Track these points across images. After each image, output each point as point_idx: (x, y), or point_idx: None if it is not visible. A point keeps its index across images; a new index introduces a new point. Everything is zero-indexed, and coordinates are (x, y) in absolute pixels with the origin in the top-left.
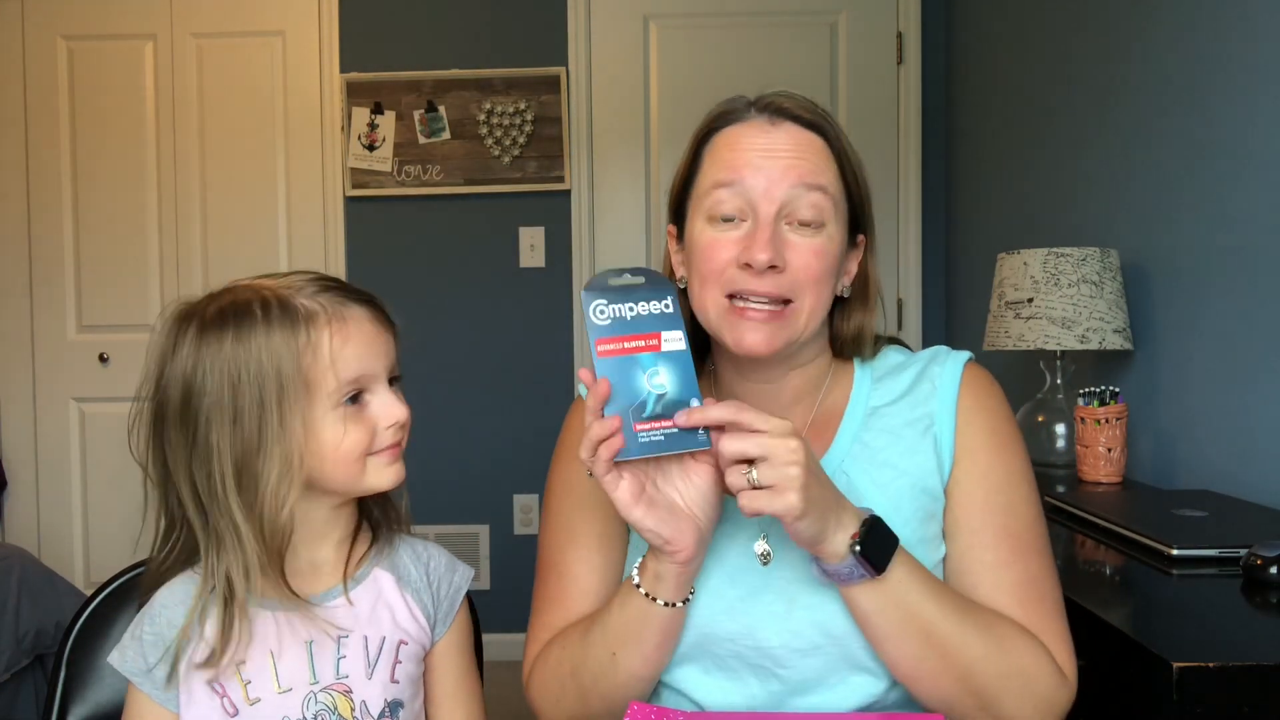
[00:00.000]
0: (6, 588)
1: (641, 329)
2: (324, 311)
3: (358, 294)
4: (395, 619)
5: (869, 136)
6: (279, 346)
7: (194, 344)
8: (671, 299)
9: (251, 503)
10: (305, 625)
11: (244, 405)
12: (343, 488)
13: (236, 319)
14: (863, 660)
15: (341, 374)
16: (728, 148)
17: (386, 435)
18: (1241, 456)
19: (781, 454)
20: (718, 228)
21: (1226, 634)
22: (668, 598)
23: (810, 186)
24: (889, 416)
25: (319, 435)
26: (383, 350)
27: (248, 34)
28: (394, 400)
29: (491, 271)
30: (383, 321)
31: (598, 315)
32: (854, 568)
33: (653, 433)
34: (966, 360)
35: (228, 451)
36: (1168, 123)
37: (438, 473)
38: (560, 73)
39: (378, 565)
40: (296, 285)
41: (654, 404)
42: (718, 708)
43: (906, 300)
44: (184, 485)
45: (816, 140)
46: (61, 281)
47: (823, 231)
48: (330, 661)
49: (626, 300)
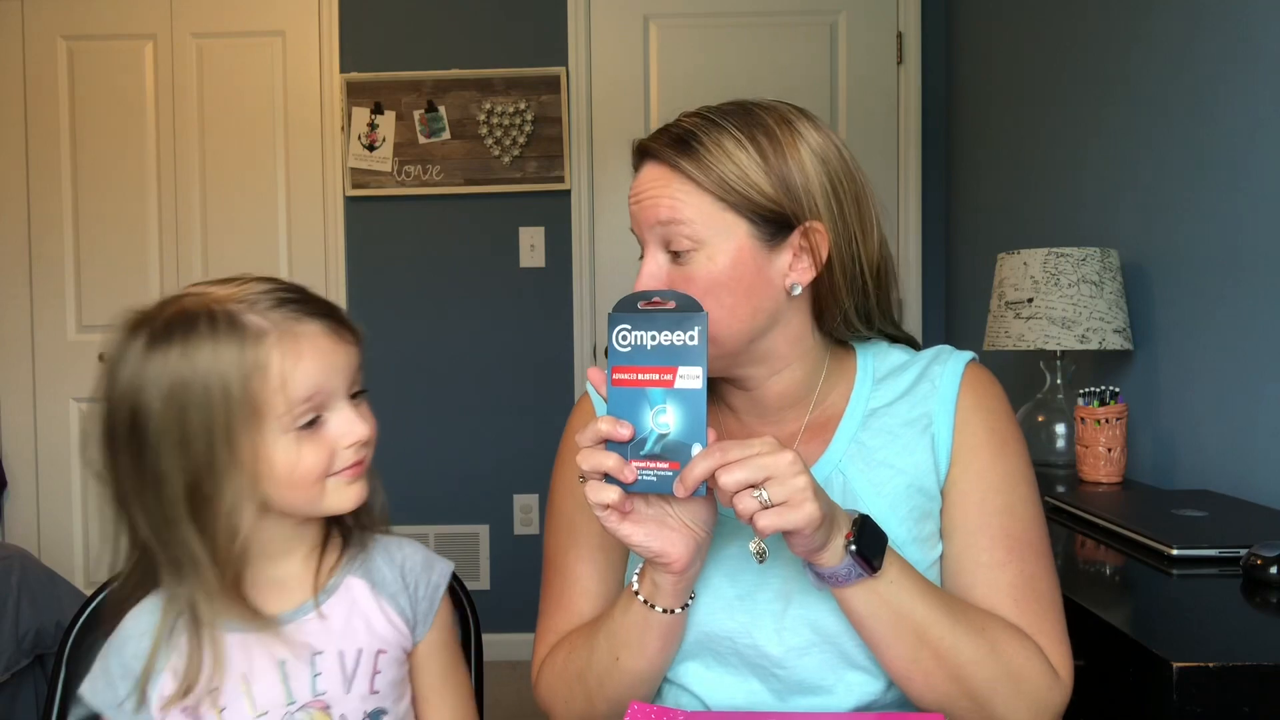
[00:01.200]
0: (6, 588)
1: (659, 361)
2: (274, 330)
3: (315, 306)
4: (372, 628)
5: (869, 136)
6: (226, 367)
7: (140, 358)
8: (699, 330)
9: (205, 528)
10: (276, 645)
11: (192, 429)
12: (301, 511)
13: (184, 333)
14: (859, 660)
15: (293, 396)
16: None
17: (346, 455)
18: (1241, 456)
19: (784, 468)
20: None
21: (1226, 634)
22: (666, 604)
23: (663, 222)
24: (887, 416)
25: (271, 460)
26: (341, 366)
27: (248, 34)
28: (354, 418)
29: (491, 271)
30: (342, 334)
31: (620, 341)
32: (851, 567)
33: (646, 472)
34: (968, 360)
35: (178, 477)
36: (1168, 123)
37: (438, 473)
38: (560, 73)
39: (350, 573)
40: (250, 298)
41: (653, 443)
42: (721, 703)
43: (906, 300)
44: (138, 511)
45: (665, 171)
46: (61, 281)
47: (696, 255)
48: (305, 679)
49: (651, 327)
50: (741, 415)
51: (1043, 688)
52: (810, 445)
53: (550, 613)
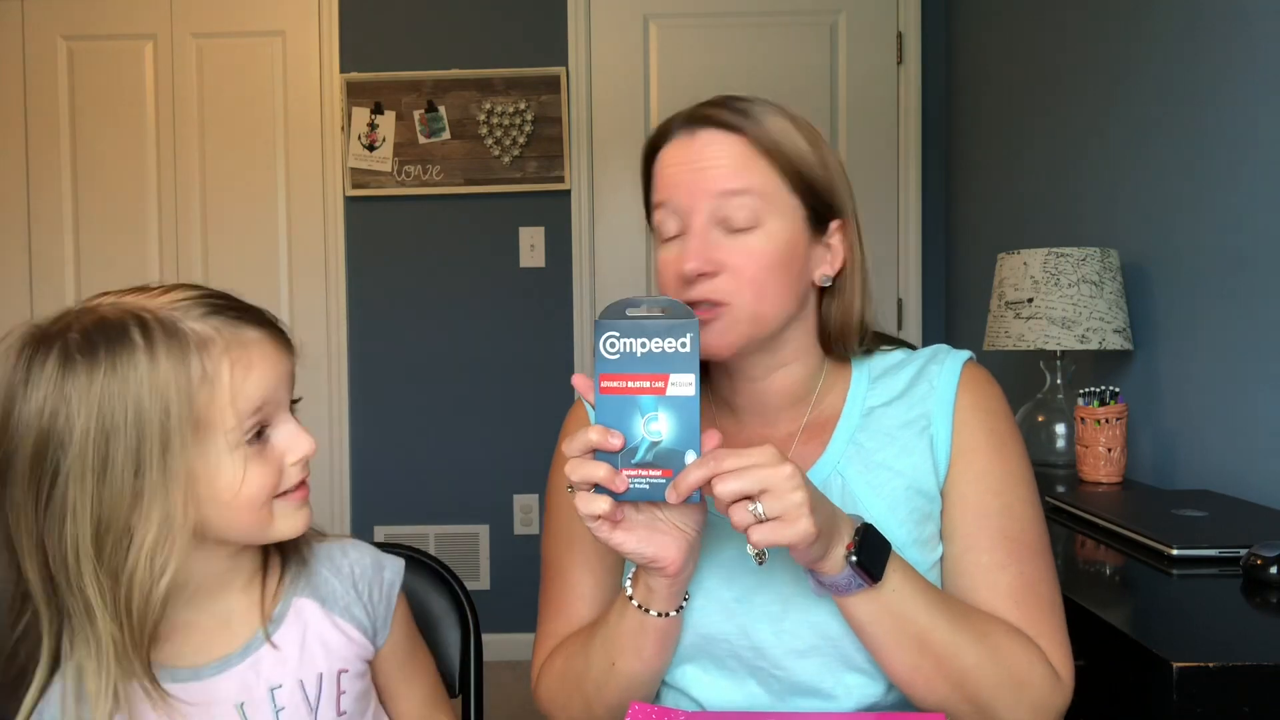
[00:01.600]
0: None
1: (650, 368)
2: (219, 337)
3: (252, 313)
4: (329, 648)
5: (869, 136)
6: (166, 380)
7: (54, 379)
8: (691, 336)
9: (116, 573)
10: (229, 688)
11: (115, 454)
12: (246, 537)
13: (110, 348)
14: (859, 662)
15: (244, 408)
16: (659, 168)
17: (294, 473)
18: (1241, 456)
19: (781, 482)
20: (666, 247)
21: (1226, 634)
22: (661, 609)
23: (731, 192)
24: (885, 417)
25: (214, 482)
26: (285, 375)
27: (248, 34)
28: (298, 431)
29: (491, 271)
30: (282, 344)
31: (607, 349)
32: (851, 578)
33: (638, 480)
34: (966, 359)
35: (87, 512)
36: (1168, 123)
37: (438, 473)
38: (560, 73)
39: (296, 594)
40: (181, 305)
41: (645, 451)
42: (718, 707)
43: (906, 300)
44: (30, 556)
45: (736, 141)
46: (61, 281)
47: (759, 231)
48: (269, 715)
49: (641, 335)
50: (740, 414)
51: (1044, 691)
52: (808, 446)
53: (549, 618)
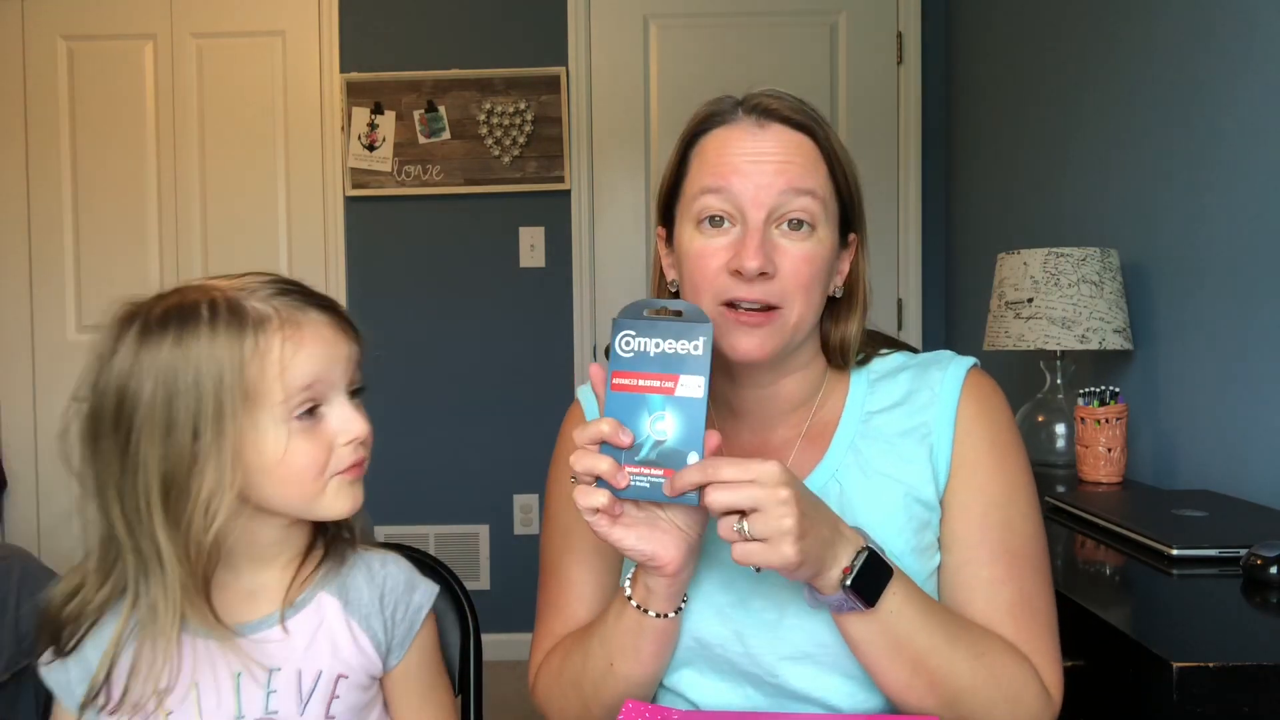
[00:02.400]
0: (6, 588)
1: (661, 368)
2: (276, 315)
3: (318, 299)
4: (337, 651)
5: (869, 136)
6: (222, 352)
7: (133, 347)
8: (704, 340)
9: (178, 521)
10: (233, 656)
11: (178, 415)
12: (295, 509)
13: (180, 321)
14: (853, 670)
15: (292, 383)
16: (715, 152)
17: (345, 453)
18: (1241, 456)
19: (773, 507)
20: (707, 234)
21: (1226, 634)
22: (659, 609)
23: (799, 191)
24: (885, 424)
25: (262, 450)
26: (342, 359)
27: (248, 34)
28: (353, 414)
29: (491, 271)
30: (344, 329)
31: (623, 347)
32: (844, 601)
33: (639, 478)
34: (970, 367)
35: (155, 465)
36: (1168, 123)
37: (438, 473)
38: (560, 73)
39: (324, 589)
40: (251, 287)
41: (649, 449)
42: (715, 709)
43: (906, 300)
44: (114, 502)
45: (805, 141)
46: (61, 281)
47: (813, 235)
48: (259, 696)
49: (655, 335)
50: (741, 418)
51: (1037, 710)
52: (807, 453)
53: (547, 618)
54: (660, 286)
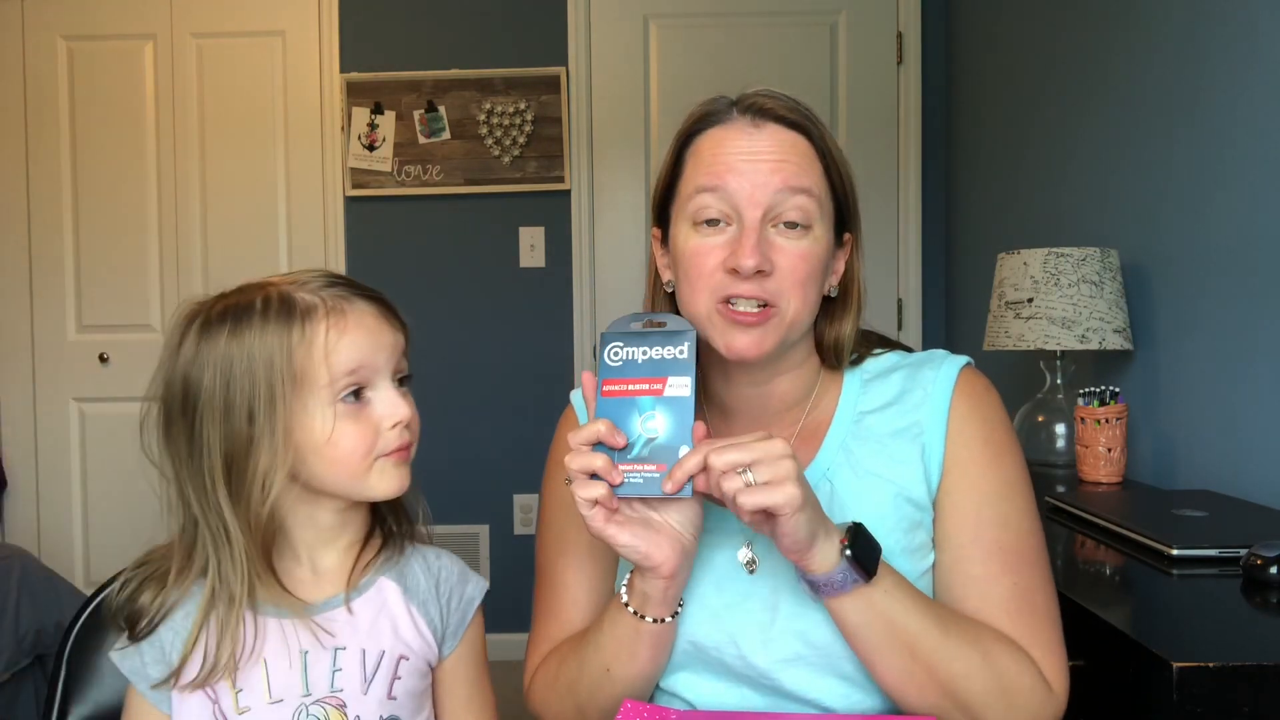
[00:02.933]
0: (6, 588)
1: (649, 373)
2: (323, 305)
3: (364, 290)
4: (398, 632)
5: (869, 136)
6: (272, 340)
7: (195, 341)
8: (689, 345)
9: (239, 497)
10: (301, 634)
11: (235, 400)
12: (343, 489)
13: (236, 315)
14: (848, 671)
15: (336, 367)
16: (710, 152)
17: (391, 436)
18: (1241, 456)
19: (772, 451)
20: (702, 233)
21: (1226, 634)
22: (655, 614)
23: (795, 190)
24: (876, 424)
25: (311, 432)
26: (386, 345)
27: (248, 34)
28: (398, 399)
29: (491, 271)
30: (389, 318)
31: (611, 358)
32: (846, 573)
33: (633, 475)
34: (963, 366)
35: (218, 447)
36: (1168, 123)
37: (438, 473)
38: (560, 73)
39: (384, 574)
40: (302, 280)
41: (641, 447)
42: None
43: (906, 300)
44: (186, 485)
45: (800, 141)
46: (61, 281)
47: (809, 234)
48: (325, 673)
49: (643, 344)
50: (734, 418)
51: (1035, 701)
52: (800, 452)
53: (542, 622)
54: (656, 287)
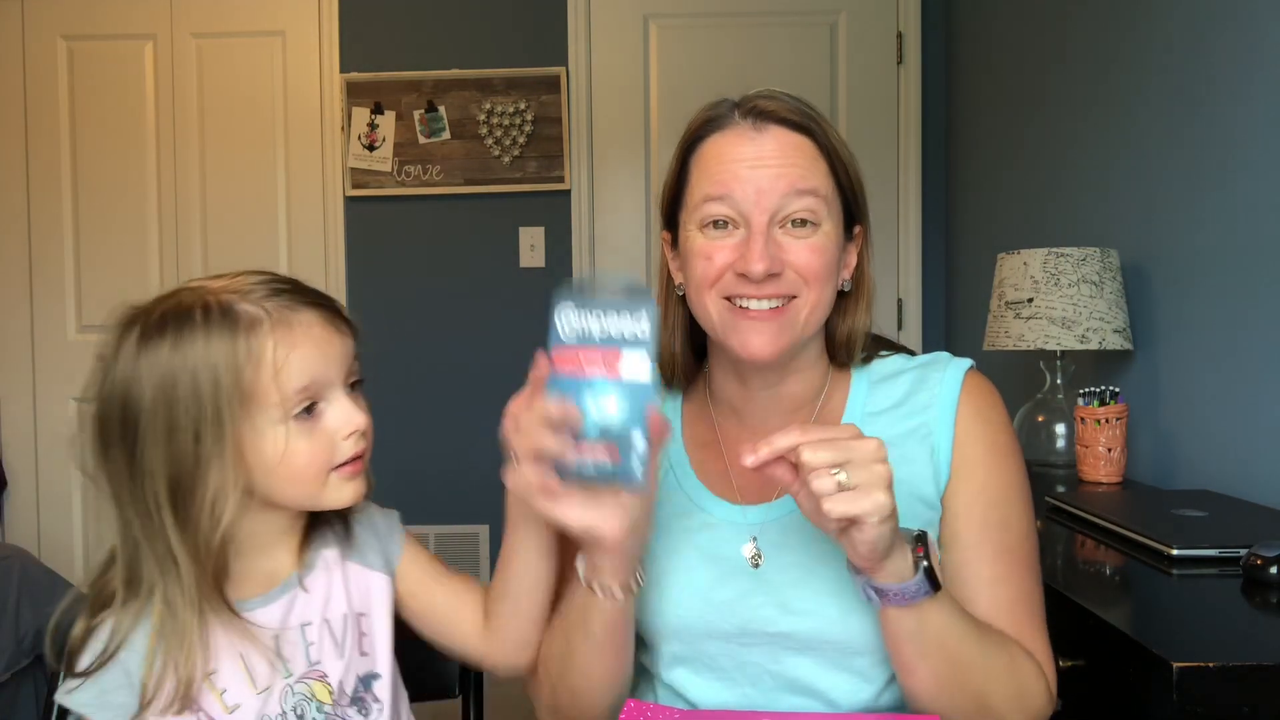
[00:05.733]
0: (6, 588)
1: (604, 347)
2: (268, 318)
3: (310, 296)
4: (349, 591)
5: (869, 136)
6: (217, 356)
7: (133, 352)
8: (648, 318)
9: (186, 523)
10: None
11: (179, 420)
12: (301, 504)
13: (176, 325)
14: (851, 665)
15: (288, 385)
16: (715, 159)
17: (346, 446)
18: (1241, 456)
19: (865, 452)
20: (709, 235)
21: (1226, 634)
22: (607, 585)
23: (801, 193)
24: (886, 425)
25: (263, 451)
26: (336, 354)
27: (248, 34)
28: (351, 407)
29: (491, 271)
30: (337, 325)
31: (563, 326)
32: (921, 584)
33: (584, 462)
34: (968, 368)
35: (162, 470)
36: (1167, 123)
37: (438, 473)
38: (560, 73)
39: (326, 547)
40: (244, 288)
41: (593, 431)
42: (712, 705)
43: (906, 300)
44: (127, 506)
45: (804, 141)
46: (61, 281)
47: (818, 230)
48: (300, 652)
49: (599, 314)
50: (746, 418)
51: (1043, 703)
52: None
53: None
54: (668, 291)
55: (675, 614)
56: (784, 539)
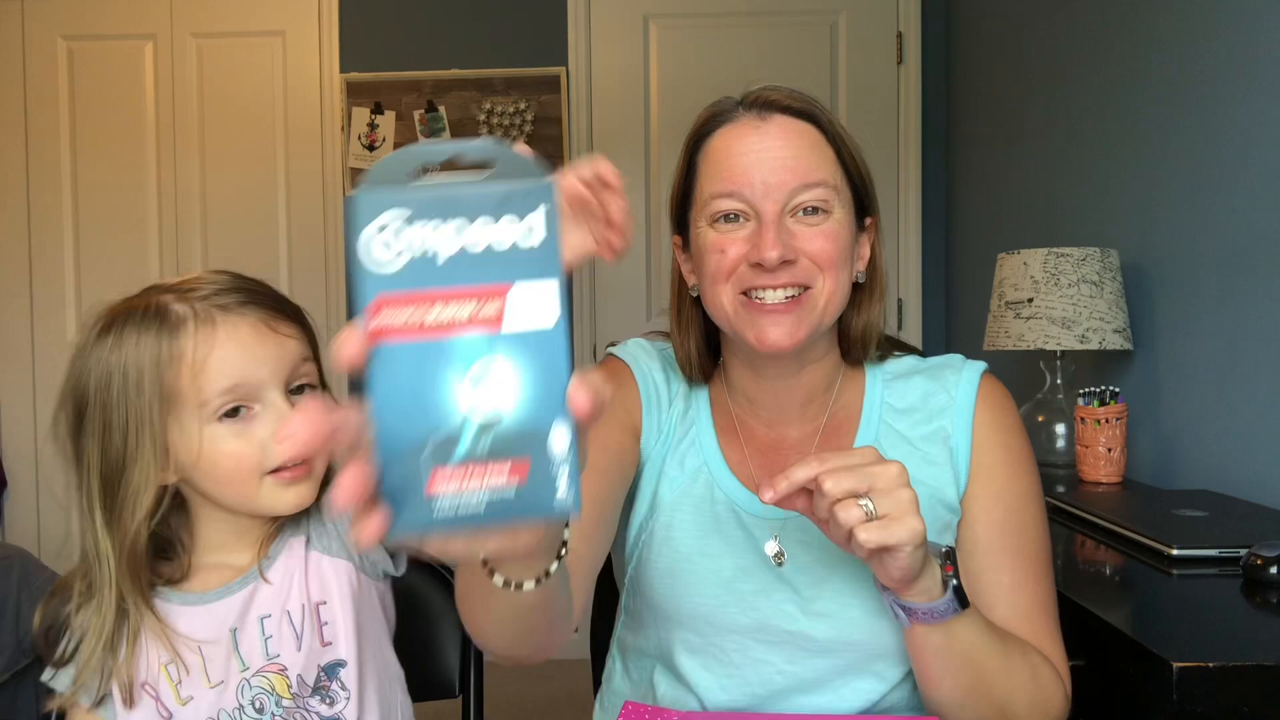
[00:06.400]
0: (6, 588)
1: (471, 278)
2: (194, 318)
3: (248, 296)
4: (307, 581)
5: (869, 136)
6: (144, 355)
7: (89, 349)
8: (546, 208)
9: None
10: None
11: (111, 417)
12: (236, 506)
13: (120, 324)
14: (869, 665)
15: (209, 385)
16: (722, 153)
17: (279, 452)
18: (1241, 456)
19: (888, 478)
20: (720, 229)
21: (1226, 634)
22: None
23: (809, 184)
24: (906, 427)
25: (190, 451)
26: (270, 356)
27: (248, 34)
28: (286, 411)
29: None
30: (275, 326)
31: (382, 249)
32: (950, 603)
33: (465, 492)
34: (983, 372)
35: (96, 465)
36: (1167, 123)
37: None
38: (560, 73)
39: (290, 535)
40: (193, 287)
41: (471, 437)
42: (722, 701)
43: (906, 300)
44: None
45: (809, 129)
46: (61, 282)
47: (830, 217)
48: (257, 645)
49: (448, 214)
50: (759, 410)
51: (1062, 708)
52: (830, 446)
53: None
54: (681, 294)
55: (695, 601)
56: (805, 535)
